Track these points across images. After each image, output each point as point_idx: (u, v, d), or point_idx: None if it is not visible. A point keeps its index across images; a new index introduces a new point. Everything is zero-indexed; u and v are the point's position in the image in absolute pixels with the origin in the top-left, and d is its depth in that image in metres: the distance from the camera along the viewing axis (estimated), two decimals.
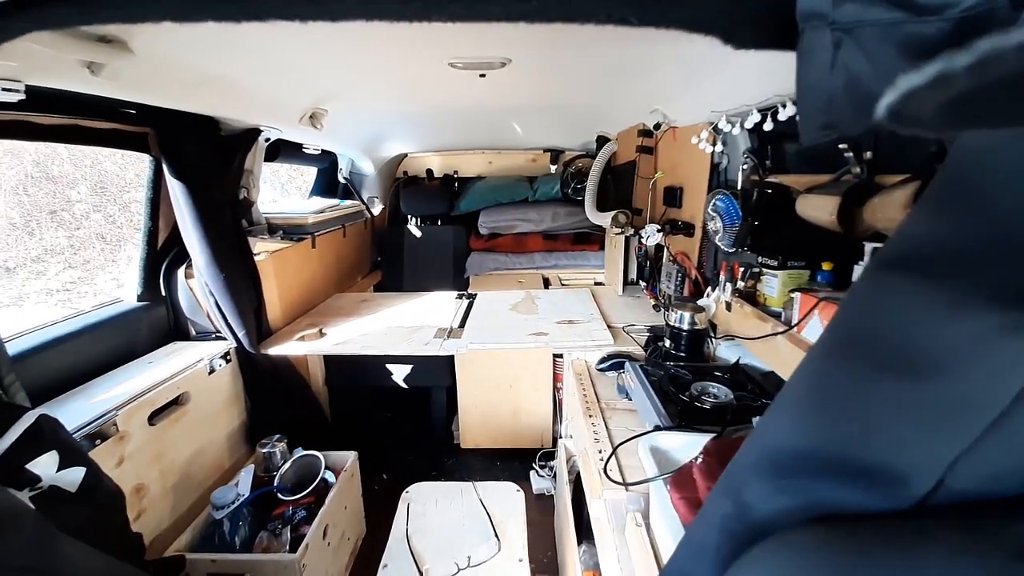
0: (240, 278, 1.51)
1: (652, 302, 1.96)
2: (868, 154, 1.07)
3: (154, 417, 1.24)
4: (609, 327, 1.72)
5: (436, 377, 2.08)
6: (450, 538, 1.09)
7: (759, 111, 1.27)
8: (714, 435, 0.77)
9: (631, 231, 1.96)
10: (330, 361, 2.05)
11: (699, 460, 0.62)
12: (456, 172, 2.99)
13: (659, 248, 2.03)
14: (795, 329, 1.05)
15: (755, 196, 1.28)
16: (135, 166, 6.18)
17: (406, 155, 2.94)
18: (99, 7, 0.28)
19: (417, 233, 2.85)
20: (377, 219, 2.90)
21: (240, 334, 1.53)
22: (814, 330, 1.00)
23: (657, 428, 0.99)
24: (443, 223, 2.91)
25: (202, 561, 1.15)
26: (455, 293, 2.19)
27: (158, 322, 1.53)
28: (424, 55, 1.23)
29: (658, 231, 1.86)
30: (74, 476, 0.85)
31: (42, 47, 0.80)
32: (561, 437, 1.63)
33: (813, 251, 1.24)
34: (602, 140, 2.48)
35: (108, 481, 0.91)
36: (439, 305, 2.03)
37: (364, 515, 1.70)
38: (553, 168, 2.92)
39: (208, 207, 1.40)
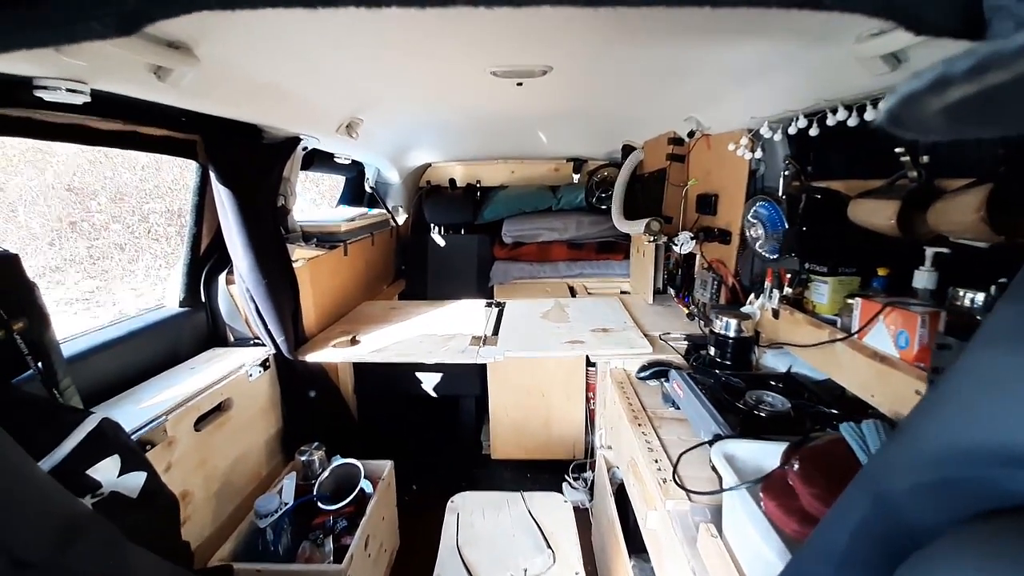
0: (280, 284, 1.52)
1: (685, 311, 1.94)
2: (925, 158, 1.06)
3: (199, 423, 1.24)
4: (645, 335, 1.70)
5: (466, 386, 2.07)
6: (502, 549, 1.06)
7: (805, 116, 1.27)
8: (793, 442, 0.74)
9: (664, 239, 1.94)
10: (360, 369, 2.04)
11: (795, 467, 0.60)
12: (479, 181, 3.00)
13: (690, 256, 2.01)
14: (856, 336, 1.03)
15: (803, 202, 1.27)
16: (154, 178, 6.30)
17: (430, 165, 2.97)
18: None
19: (441, 242, 2.86)
20: (401, 228, 2.92)
21: (279, 340, 1.53)
22: (878, 336, 0.98)
23: (718, 437, 0.97)
24: (466, 232, 2.92)
25: (247, 571, 1.13)
26: (484, 301, 2.19)
27: (198, 328, 1.54)
28: (467, 63, 1.24)
29: (691, 239, 1.85)
30: (135, 481, 0.84)
31: (115, 48, 0.82)
32: (600, 447, 1.61)
33: (864, 257, 1.22)
34: (628, 149, 2.49)
35: (165, 487, 0.91)
36: (469, 313, 2.03)
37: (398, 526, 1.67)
38: (576, 177, 2.93)
39: (252, 214, 1.41)
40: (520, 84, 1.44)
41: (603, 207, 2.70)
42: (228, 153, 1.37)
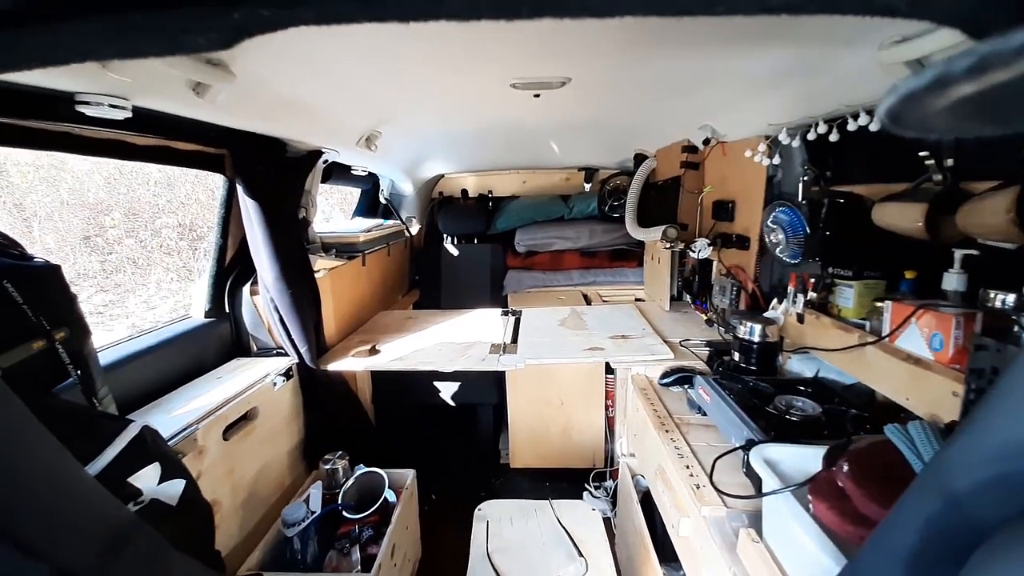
0: (304, 295, 1.53)
1: (704, 317, 1.94)
2: (949, 161, 1.06)
3: (227, 432, 1.24)
4: (665, 342, 1.70)
5: (483, 395, 2.06)
6: (533, 557, 1.06)
7: (825, 122, 1.28)
8: (833, 446, 0.74)
9: (681, 246, 1.95)
10: (378, 378, 2.05)
11: (845, 468, 0.60)
12: (490, 192, 3.03)
13: (706, 262, 2.01)
14: (887, 339, 1.02)
15: (826, 206, 1.27)
16: (166, 194, 6.41)
17: (443, 176, 3.00)
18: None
19: (454, 252, 2.88)
20: (414, 239, 2.95)
21: (302, 350, 1.54)
22: (911, 339, 0.98)
23: (752, 442, 0.96)
24: (479, 242, 2.94)
25: None
26: (500, 310, 2.19)
27: (223, 338, 1.55)
28: (488, 76, 1.26)
29: (709, 245, 1.85)
30: (175, 489, 0.85)
31: (160, 65, 0.85)
32: (622, 455, 1.59)
33: (887, 260, 1.22)
34: (640, 157, 2.51)
35: (201, 495, 0.91)
36: (485, 322, 2.03)
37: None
38: (587, 187, 2.95)
39: (278, 226, 1.44)
40: (537, 96, 1.45)
41: (616, 215, 2.71)
42: (254, 167, 1.40)
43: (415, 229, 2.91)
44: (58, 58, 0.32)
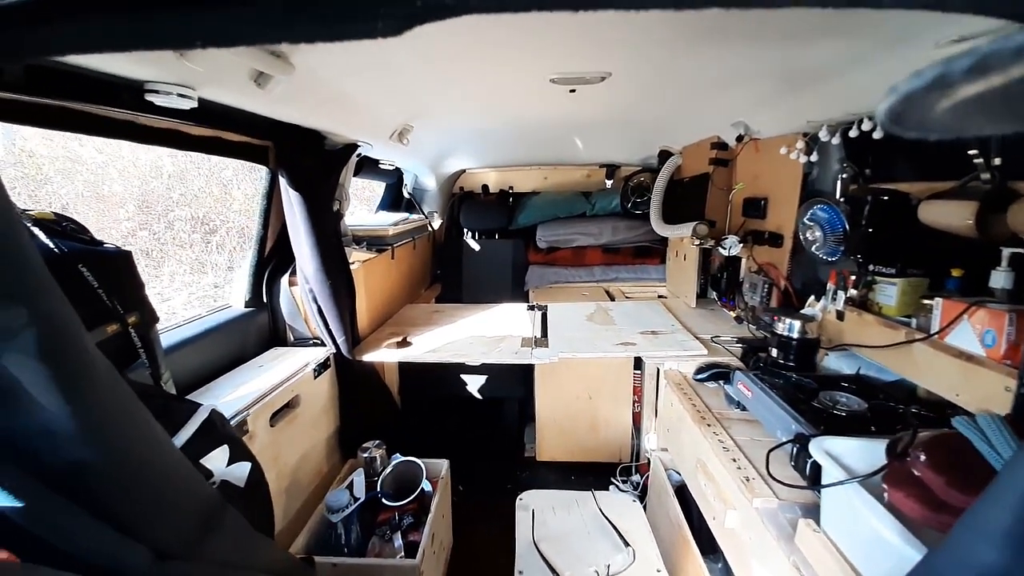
0: (341, 286, 1.55)
1: (732, 314, 1.94)
2: (997, 160, 1.06)
3: (273, 419, 1.27)
4: (696, 338, 1.70)
5: (509, 388, 2.08)
6: (579, 546, 1.07)
7: (869, 119, 1.28)
8: (896, 439, 0.75)
9: (711, 243, 1.95)
10: (405, 370, 2.07)
11: (922, 458, 0.61)
12: (511, 187, 3.04)
13: (734, 260, 2.02)
14: (936, 336, 1.03)
15: (869, 204, 1.27)
16: (179, 187, 6.45)
17: (464, 171, 3.02)
18: None
19: (475, 247, 2.90)
20: (436, 233, 2.96)
21: (339, 340, 1.56)
22: (962, 336, 0.98)
23: (802, 436, 0.97)
24: (500, 237, 2.95)
25: (323, 564, 1.15)
26: (525, 305, 2.21)
27: (261, 327, 1.58)
28: (528, 71, 1.27)
29: (740, 242, 1.86)
30: (242, 471, 0.87)
31: (230, 54, 0.86)
32: (652, 450, 1.61)
33: (931, 258, 1.22)
34: (665, 154, 2.51)
35: (264, 477, 0.93)
36: (512, 316, 2.05)
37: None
38: (608, 183, 2.96)
39: (318, 217, 1.46)
40: (573, 91, 1.46)
41: (639, 212, 2.72)
42: (296, 159, 1.42)
43: (437, 223, 2.93)
44: (228, 39, 0.33)
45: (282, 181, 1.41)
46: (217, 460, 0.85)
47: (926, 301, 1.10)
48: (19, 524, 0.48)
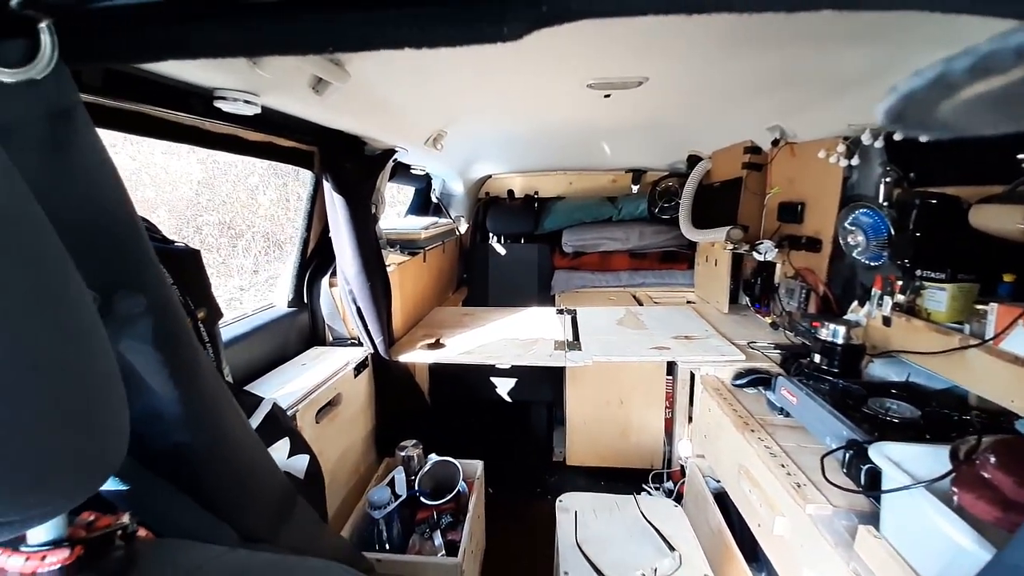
0: (379, 288, 1.59)
1: (768, 320, 1.92)
2: None
3: (318, 415, 1.30)
4: (732, 343, 1.69)
5: (539, 392, 2.09)
6: (623, 549, 1.07)
7: None
8: (959, 444, 0.74)
9: (745, 247, 1.94)
10: (435, 372, 2.09)
11: (992, 460, 0.61)
12: (536, 192, 3.06)
13: (767, 265, 2.00)
14: (991, 342, 1.01)
15: (917, 208, 1.26)
16: (207, 192, 6.64)
17: (490, 176, 3.05)
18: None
19: (501, 251, 2.92)
20: (463, 237, 3.00)
21: (377, 341, 1.59)
22: (1017, 341, 0.96)
23: (855, 442, 0.96)
24: (526, 241, 2.97)
25: (367, 559, 1.17)
26: (554, 309, 2.22)
27: (302, 327, 1.62)
28: (565, 77, 1.28)
29: (775, 247, 1.84)
30: (301, 463, 0.90)
31: (294, 61, 0.89)
32: (688, 457, 1.59)
33: (981, 263, 1.20)
34: (694, 159, 2.50)
35: (321, 470, 0.96)
36: (542, 319, 2.06)
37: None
38: (635, 188, 2.95)
39: (359, 220, 1.49)
40: (608, 96, 1.47)
41: (666, 217, 2.71)
42: (340, 163, 1.46)
43: (463, 228, 2.97)
44: (377, 41, 0.35)
45: (326, 184, 1.45)
46: (280, 451, 0.88)
47: (980, 307, 1.08)
48: (123, 507, 0.51)
